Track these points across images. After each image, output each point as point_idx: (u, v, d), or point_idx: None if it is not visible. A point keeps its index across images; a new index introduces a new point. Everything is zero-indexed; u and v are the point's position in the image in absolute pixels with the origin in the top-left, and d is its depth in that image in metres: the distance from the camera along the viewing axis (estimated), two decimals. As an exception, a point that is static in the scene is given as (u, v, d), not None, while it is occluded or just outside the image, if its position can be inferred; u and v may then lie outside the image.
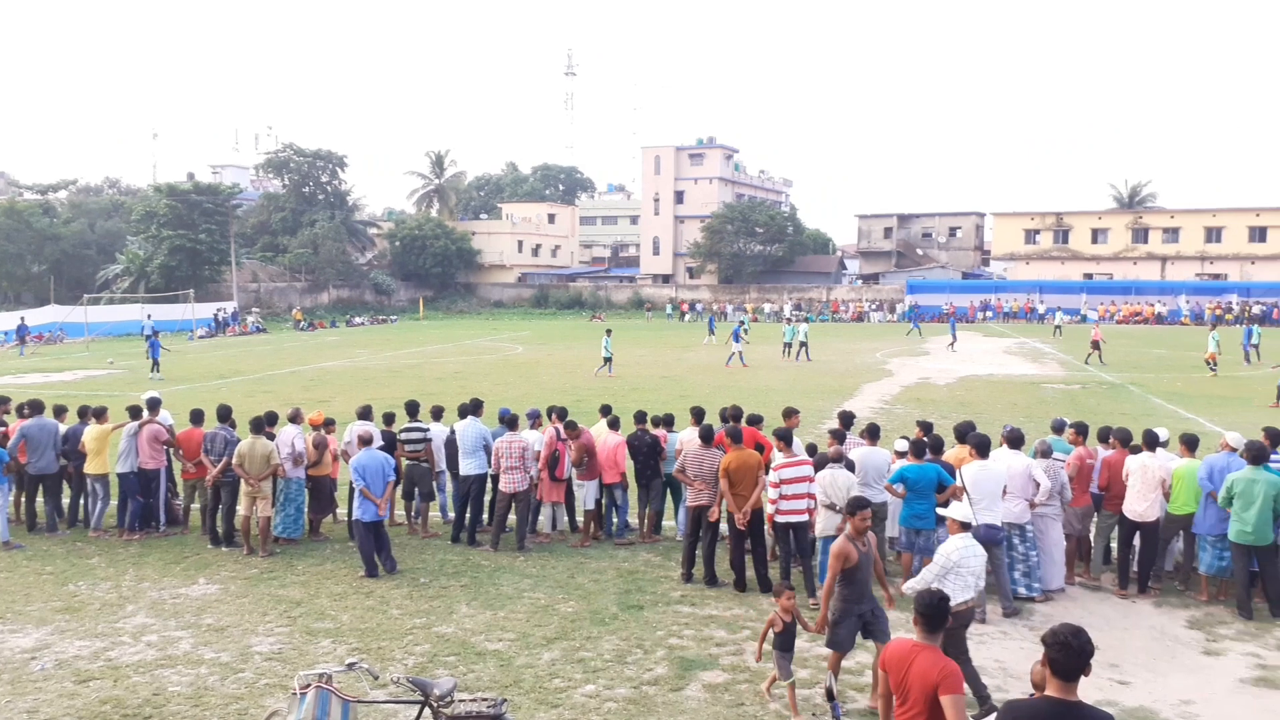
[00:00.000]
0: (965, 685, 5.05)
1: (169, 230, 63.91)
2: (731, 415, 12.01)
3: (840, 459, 10.50)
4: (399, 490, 12.68)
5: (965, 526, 7.73)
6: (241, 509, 12.09)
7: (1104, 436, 11.35)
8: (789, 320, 56.14)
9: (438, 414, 13.34)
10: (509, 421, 12.24)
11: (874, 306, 73.56)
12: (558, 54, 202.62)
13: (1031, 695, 5.22)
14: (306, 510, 12.75)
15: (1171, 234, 72.92)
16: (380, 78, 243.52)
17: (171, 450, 12.98)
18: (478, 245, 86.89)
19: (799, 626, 7.75)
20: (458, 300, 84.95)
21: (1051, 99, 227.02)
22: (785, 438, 10.54)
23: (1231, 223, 71.23)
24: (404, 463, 12.56)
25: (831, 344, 46.22)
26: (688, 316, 73.78)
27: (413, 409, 13.02)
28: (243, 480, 11.89)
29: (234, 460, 11.90)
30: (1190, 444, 10.63)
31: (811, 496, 10.13)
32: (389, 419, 13.17)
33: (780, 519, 10.11)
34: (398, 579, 10.85)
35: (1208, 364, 32.25)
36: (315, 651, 8.82)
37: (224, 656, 8.72)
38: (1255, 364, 35.20)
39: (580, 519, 12.66)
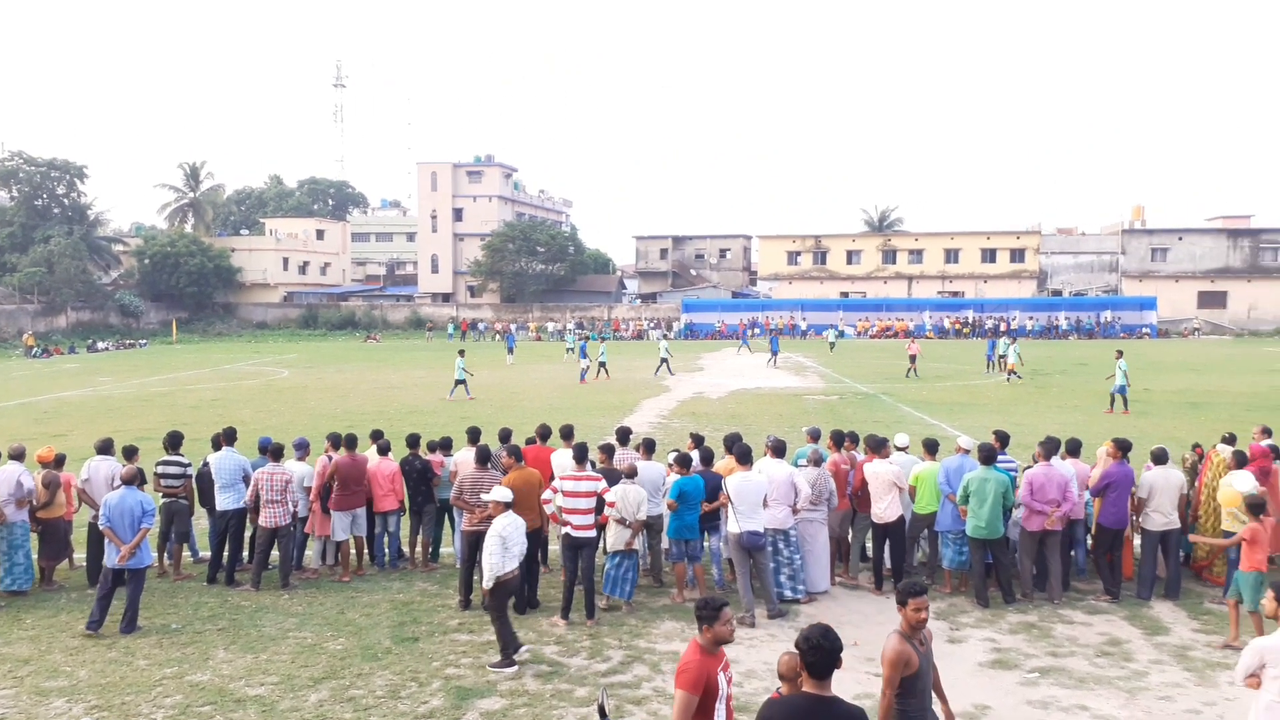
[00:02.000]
0: (692, 682, 5.22)
1: None
2: (541, 433, 12.18)
3: (634, 474, 10.63)
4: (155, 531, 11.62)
5: (507, 506, 8.76)
6: (-46, 560, 10.68)
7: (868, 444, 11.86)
8: (603, 339, 57.39)
9: (228, 438, 12.06)
10: (273, 452, 11.52)
11: (652, 325, 75.62)
12: (326, 64, 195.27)
13: (779, 690, 5.47)
14: (36, 557, 11.46)
15: (916, 255, 79.69)
16: (126, 82, 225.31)
17: None
18: (238, 263, 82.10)
19: None
20: (216, 322, 79.87)
21: (808, 127, 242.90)
22: (580, 454, 10.57)
23: (967, 245, 78.80)
24: (159, 500, 11.57)
25: (613, 361, 46.98)
26: (486, 336, 72.83)
27: (174, 441, 11.99)
28: (-45, 528, 10.51)
29: (-57, 506, 10.50)
30: (931, 448, 11.55)
31: (594, 511, 10.16)
32: (130, 453, 12.02)
33: (564, 532, 10.11)
34: (143, 626, 9.93)
35: (1010, 374, 35.09)
36: (46, 714, 7.91)
37: (-71, 731, 7.65)
38: (994, 373, 38.92)
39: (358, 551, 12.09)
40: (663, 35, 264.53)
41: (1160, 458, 10.89)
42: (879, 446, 11.30)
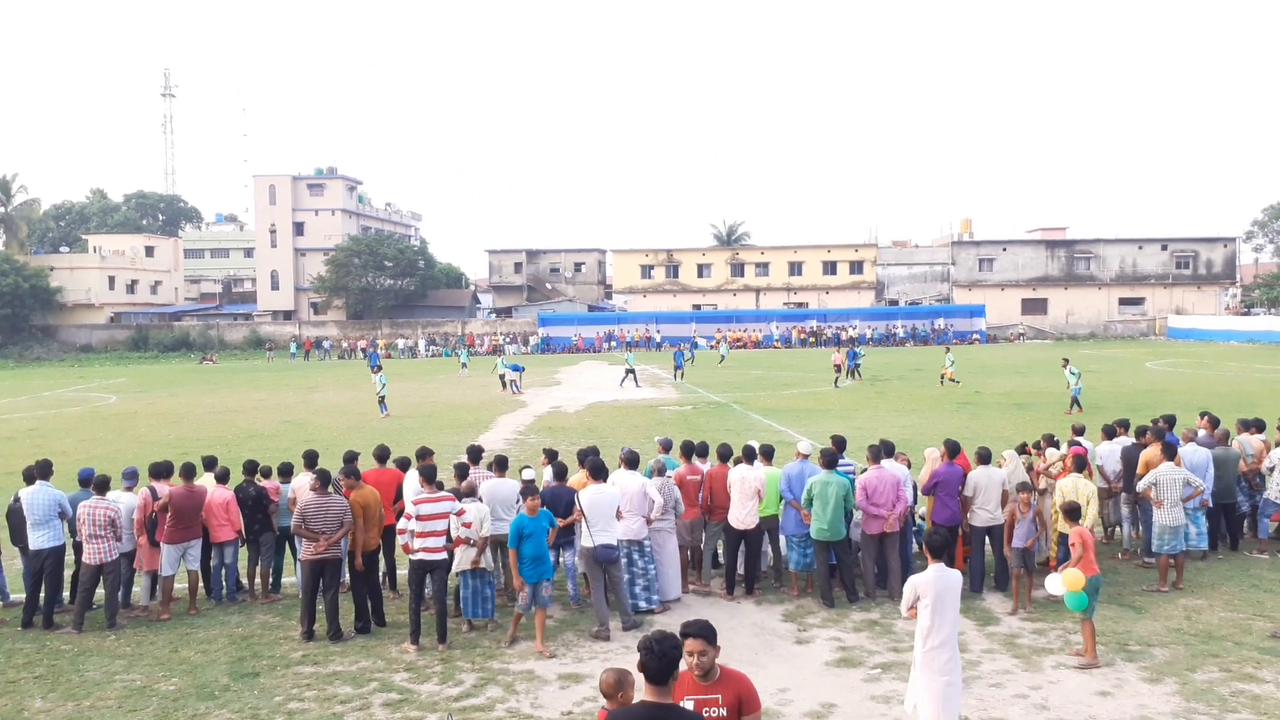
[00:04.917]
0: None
1: None
2: (378, 455, 11.85)
3: (474, 492, 10.46)
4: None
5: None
6: None
7: (724, 455, 12.04)
8: (500, 353, 56.55)
9: (41, 472, 11.16)
10: (98, 485, 10.77)
11: (509, 340, 74.99)
12: (152, 72, 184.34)
13: (604, 708, 5.41)
14: None
15: (763, 268, 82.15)
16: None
17: None
18: (58, 282, 76.83)
19: None
20: (34, 346, 74.44)
21: (656, 142, 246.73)
22: (429, 475, 10.30)
23: (809, 258, 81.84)
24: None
25: (470, 378, 46.38)
26: (331, 355, 70.26)
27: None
28: None
29: None
30: (768, 454, 11.87)
31: (446, 533, 9.94)
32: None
33: (417, 557, 9.83)
34: (-53, 681, 9.09)
35: (944, 379, 35.86)
36: None
37: None
38: (859, 381, 40.20)
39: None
40: (506, 44, 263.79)
41: (984, 457, 11.53)
42: (750, 455, 11.54)
